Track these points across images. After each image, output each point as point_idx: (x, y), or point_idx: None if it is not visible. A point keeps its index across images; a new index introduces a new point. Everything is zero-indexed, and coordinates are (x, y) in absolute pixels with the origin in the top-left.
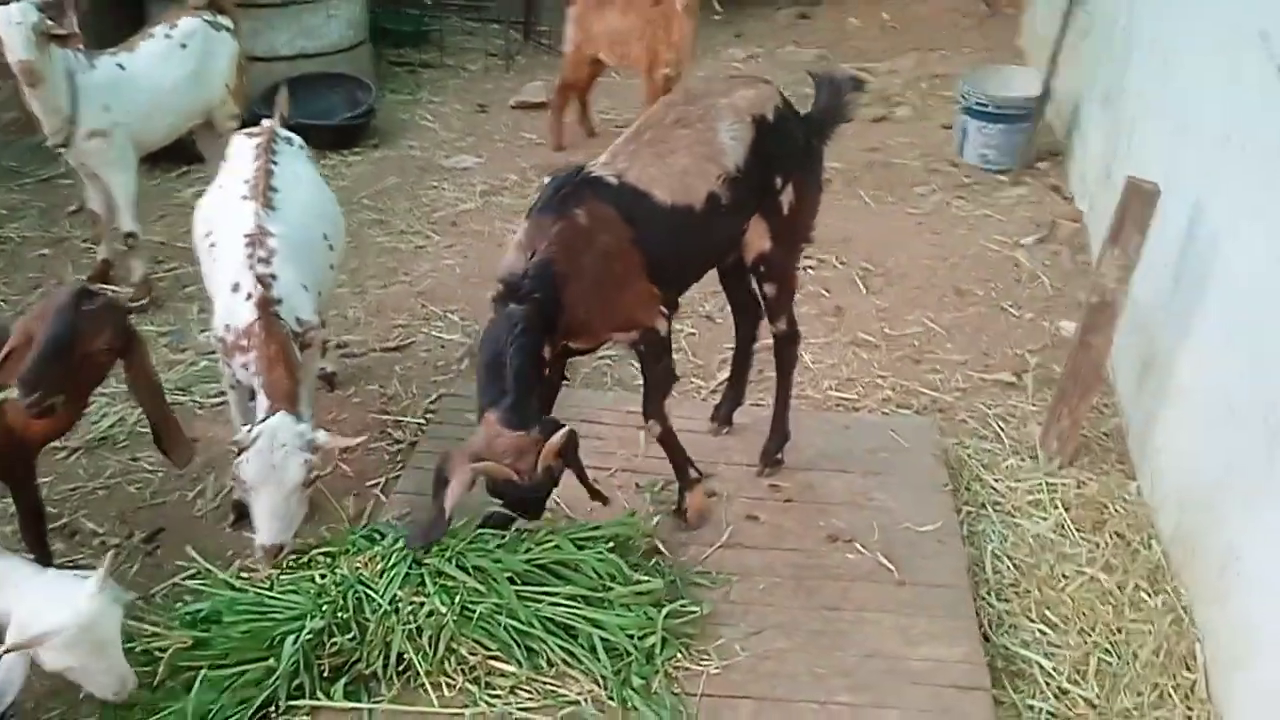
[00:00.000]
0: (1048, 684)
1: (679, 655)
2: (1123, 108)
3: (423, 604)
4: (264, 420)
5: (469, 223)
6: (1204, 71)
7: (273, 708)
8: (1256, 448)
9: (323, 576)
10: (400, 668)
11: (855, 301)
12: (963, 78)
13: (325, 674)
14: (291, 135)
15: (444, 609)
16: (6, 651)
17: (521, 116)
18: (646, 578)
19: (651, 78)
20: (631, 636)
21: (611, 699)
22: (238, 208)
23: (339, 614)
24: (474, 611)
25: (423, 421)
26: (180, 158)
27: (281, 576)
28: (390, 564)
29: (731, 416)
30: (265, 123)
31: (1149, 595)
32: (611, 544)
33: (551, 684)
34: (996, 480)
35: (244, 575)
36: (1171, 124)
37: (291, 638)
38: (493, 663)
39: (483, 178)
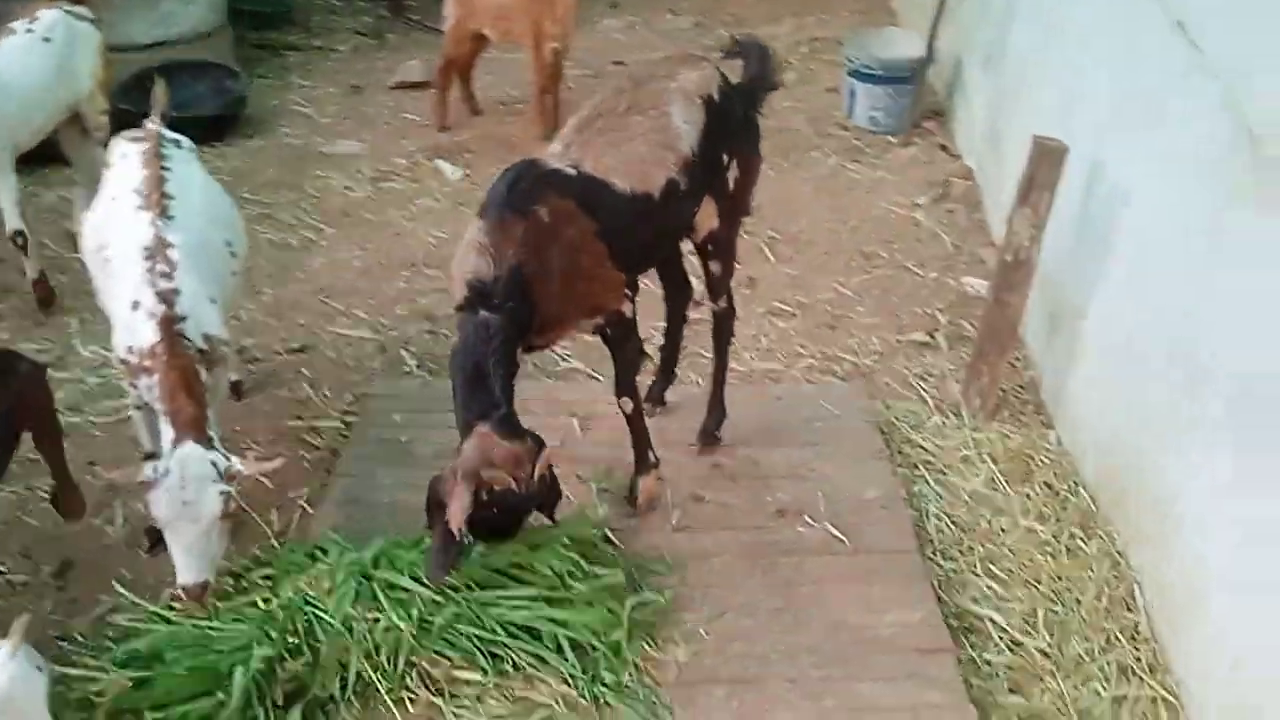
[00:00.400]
0: (1001, 638)
1: (646, 646)
2: (1004, 70)
3: (378, 620)
4: (170, 452)
5: (361, 212)
6: (1097, 30)
7: None
8: (1176, 391)
9: (266, 600)
10: (359, 688)
11: (766, 271)
12: (846, 41)
13: (279, 703)
14: (179, 137)
15: (401, 623)
16: None
17: (401, 97)
18: (606, 571)
19: (539, 52)
20: (597, 633)
21: (584, 698)
22: (133, 219)
23: (288, 639)
24: (432, 622)
25: (341, 425)
26: (37, 159)
27: (220, 604)
28: (338, 581)
29: (664, 397)
30: (148, 124)
31: (1084, 542)
32: (567, 541)
33: (520, 688)
34: (925, 440)
35: (174, 606)
36: (1062, 84)
37: (240, 669)
38: (456, 673)
39: (370, 163)
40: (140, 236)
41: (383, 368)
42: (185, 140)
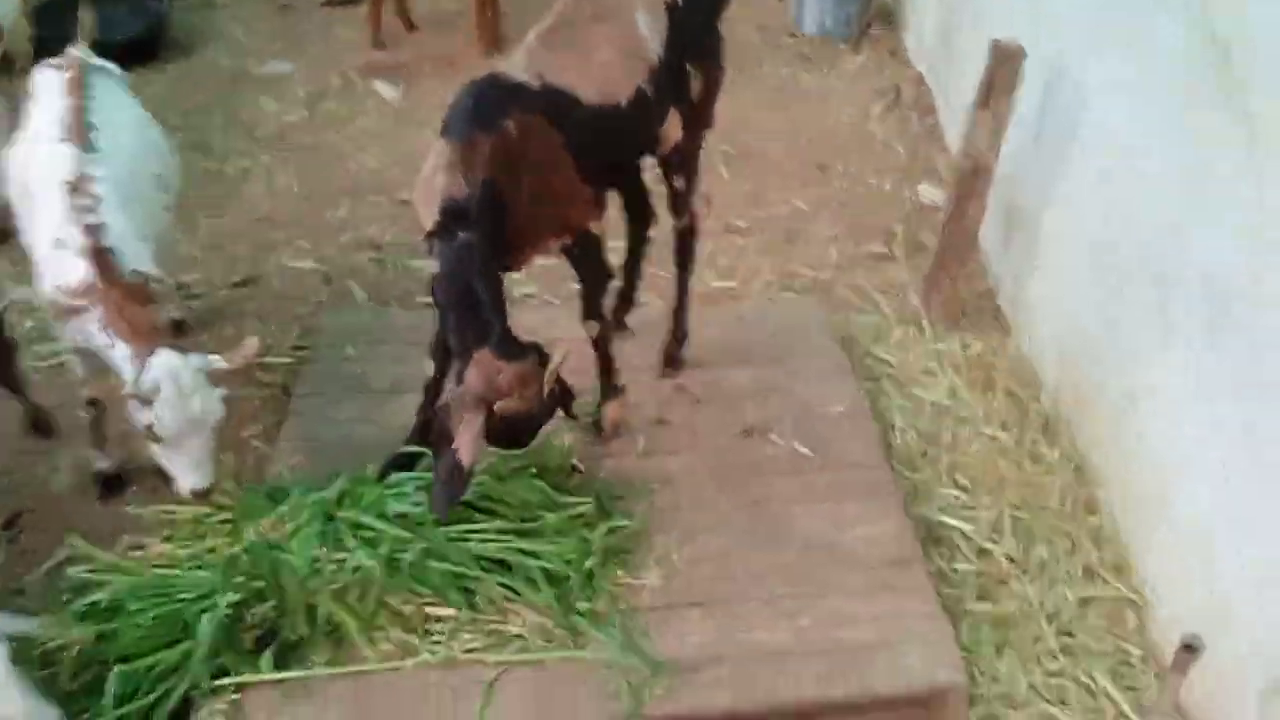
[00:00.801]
0: (967, 546)
1: (619, 573)
2: None
3: (345, 560)
4: (143, 367)
5: (297, 136)
6: None
7: (196, 691)
8: (1142, 295)
9: (229, 545)
10: (329, 629)
11: (721, 187)
12: None
13: (248, 649)
14: (106, 64)
15: (370, 562)
16: None
17: (332, 15)
18: (576, 499)
19: None
20: (569, 562)
21: (559, 627)
22: (54, 152)
23: (253, 583)
24: (401, 560)
25: (292, 360)
26: None
27: (178, 551)
28: (302, 522)
29: (624, 321)
30: (71, 50)
31: (1046, 448)
32: (535, 471)
33: (494, 621)
34: (887, 353)
35: (133, 555)
36: None
37: (206, 616)
38: (429, 609)
39: (303, 85)
40: (62, 170)
41: (330, 299)
42: (113, 67)
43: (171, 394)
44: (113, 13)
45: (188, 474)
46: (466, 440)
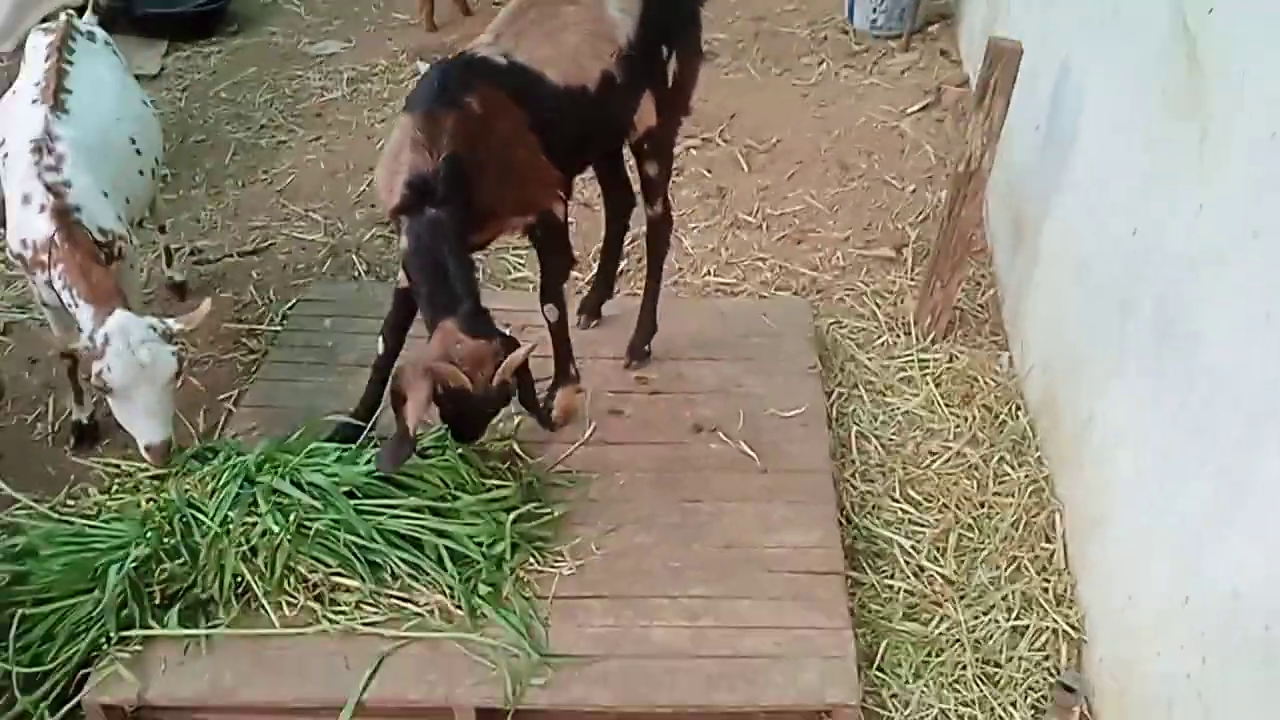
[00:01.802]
0: (907, 562)
1: (531, 559)
2: None
3: (255, 523)
4: (99, 326)
5: (335, 113)
6: None
7: (104, 641)
8: (1108, 312)
9: (149, 501)
10: (238, 590)
11: (737, 181)
12: None
13: (158, 602)
14: (95, 29)
15: (277, 528)
16: None
17: None
18: (499, 483)
19: None
20: (481, 544)
21: (459, 607)
22: (27, 113)
23: (165, 539)
24: (310, 529)
25: (280, 329)
26: None
27: (108, 503)
28: (220, 484)
29: (600, 309)
30: (63, 16)
31: (1012, 468)
32: (460, 452)
33: (398, 597)
34: (870, 359)
35: (69, 503)
36: None
37: (115, 567)
38: (335, 579)
39: (350, 64)
40: (31, 130)
41: (331, 272)
42: (100, 33)
43: (121, 346)
44: None
45: (142, 428)
46: (411, 405)
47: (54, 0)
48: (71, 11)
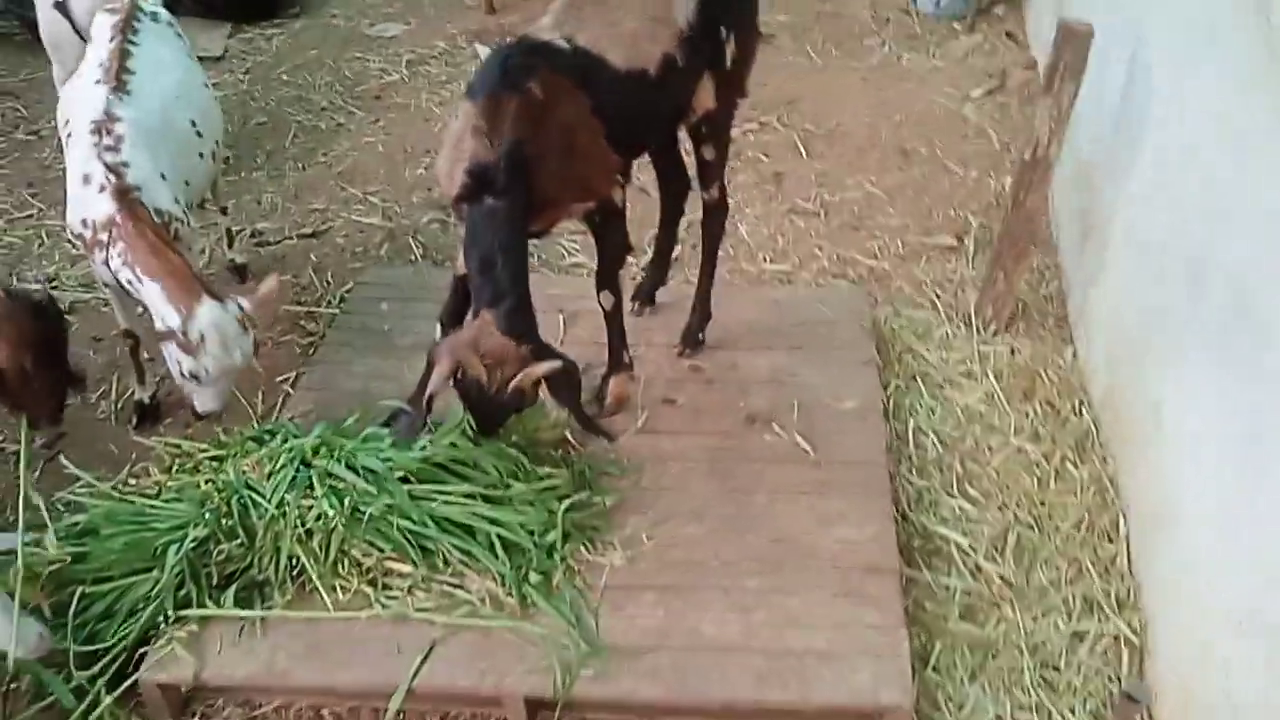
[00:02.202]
0: (964, 561)
1: (583, 548)
2: None
3: (311, 507)
4: (188, 318)
5: (393, 96)
6: None
7: (161, 619)
8: (1178, 293)
9: (208, 482)
10: (294, 572)
11: (795, 166)
12: None
13: (215, 583)
14: (159, 10)
15: (332, 511)
16: None
17: None
18: (550, 471)
19: None
20: (532, 533)
21: (510, 596)
22: (90, 94)
23: (224, 520)
24: (364, 513)
25: (338, 312)
26: None
27: (168, 483)
28: (277, 466)
29: (654, 296)
30: None
31: (1075, 466)
32: (514, 437)
33: (449, 583)
34: (928, 351)
35: (131, 482)
36: None
37: (174, 547)
38: (388, 563)
39: (409, 46)
40: (92, 110)
41: (388, 255)
42: (164, 14)
43: (216, 346)
44: None
45: (206, 399)
46: (433, 378)
47: None
48: None
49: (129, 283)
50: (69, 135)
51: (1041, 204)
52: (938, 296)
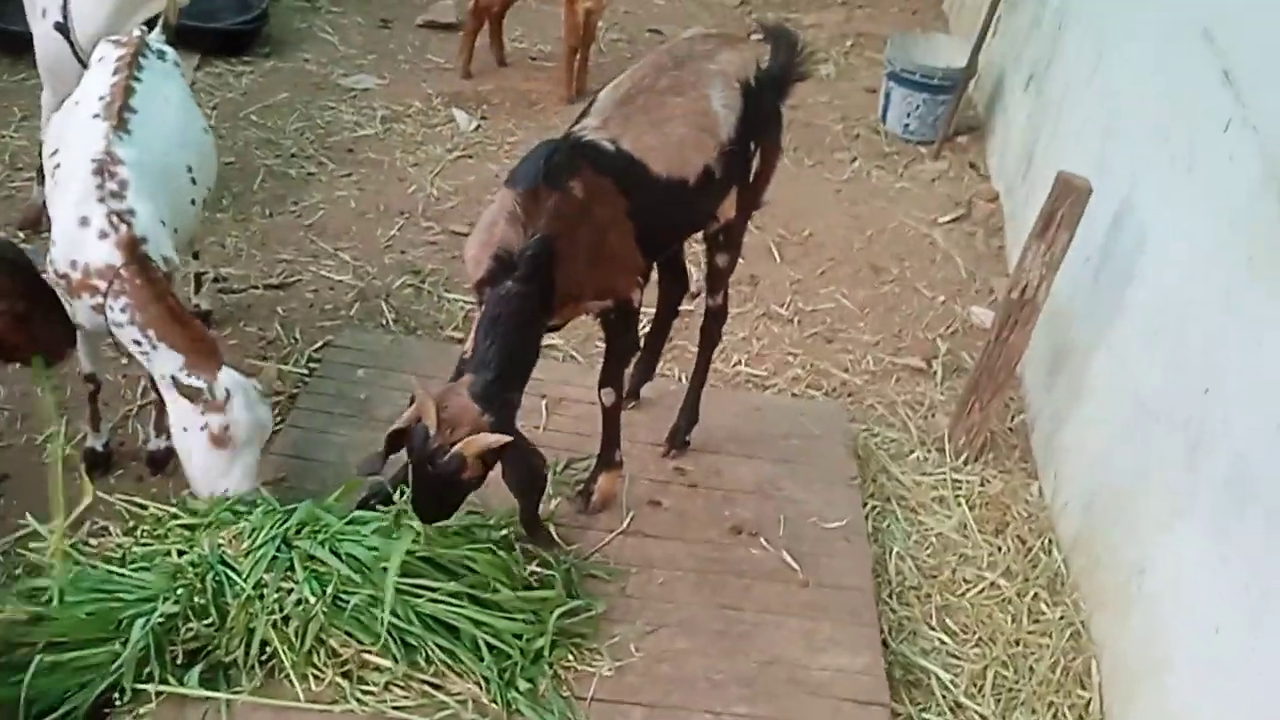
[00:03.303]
0: (944, 696)
1: (570, 655)
2: (1049, 92)
3: (290, 591)
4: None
5: (366, 150)
6: (1141, 65)
7: (117, 694)
8: (1174, 458)
9: (180, 553)
10: (264, 657)
11: (769, 270)
12: (890, 41)
13: (179, 660)
14: (165, 49)
15: (314, 598)
16: None
17: (428, 36)
18: (539, 582)
19: (571, 9)
20: (519, 637)
21: (494, 702)
22: (88, 127)
23: (195, 597)
24: (347, 602)
25: (305, 372)
26: None
27: (134, 549)
28: (257, 544)
29: (639, 391)
30: (136, 31)
31: (1048, 606)
32: (505, 532)
33: (430, 683)
34: (903, 473)
35: (90, 544)
36: (1101, 115)
37: (140, 621)
38: (366, 657)
39: (383, 101)
40: (91, 148)
41: (358, 316)
42: (171, 53)
43: (242, 404)
44: (217, 2)
45: (244, 480)
46: (401, 418)
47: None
48: (144, 27)
49: (133, 341)
50: (57, 166)
51: (1024, 342)
52: (909, 418)
